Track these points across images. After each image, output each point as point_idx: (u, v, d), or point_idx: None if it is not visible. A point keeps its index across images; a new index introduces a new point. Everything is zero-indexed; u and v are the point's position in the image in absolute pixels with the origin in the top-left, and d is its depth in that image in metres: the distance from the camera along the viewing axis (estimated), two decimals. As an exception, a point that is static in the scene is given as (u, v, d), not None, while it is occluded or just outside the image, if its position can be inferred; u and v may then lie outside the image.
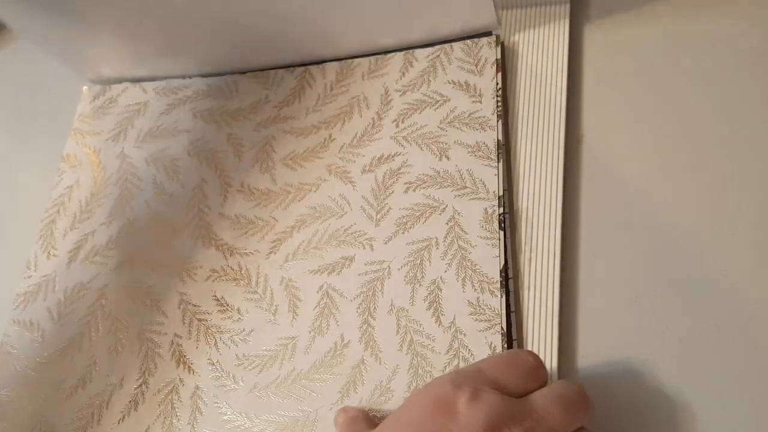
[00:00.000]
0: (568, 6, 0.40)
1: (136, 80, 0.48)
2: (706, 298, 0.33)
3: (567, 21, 0.40)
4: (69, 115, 0.49)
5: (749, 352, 0.31)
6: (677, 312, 0.33)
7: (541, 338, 0.33)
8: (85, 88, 0.49)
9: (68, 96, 0.50)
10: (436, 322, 0.34)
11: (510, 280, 0.34)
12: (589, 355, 0.33)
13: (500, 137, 0.37)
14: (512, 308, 0.33)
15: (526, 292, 0.34)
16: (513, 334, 0.33)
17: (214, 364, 0.36)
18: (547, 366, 0.32)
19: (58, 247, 0.43)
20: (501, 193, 0.36)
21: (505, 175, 0.36)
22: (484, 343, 0.32)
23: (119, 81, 0.49)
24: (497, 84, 0.38)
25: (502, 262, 0.34)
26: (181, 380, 0.37)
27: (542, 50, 0.40)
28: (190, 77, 0.47)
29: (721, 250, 0.33)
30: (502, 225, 0.35)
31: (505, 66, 0.40)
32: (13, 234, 0.47)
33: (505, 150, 0.37)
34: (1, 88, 0.55)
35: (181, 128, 0.45)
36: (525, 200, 0.36)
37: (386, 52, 0.42)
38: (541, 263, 0.34)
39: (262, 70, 0.45)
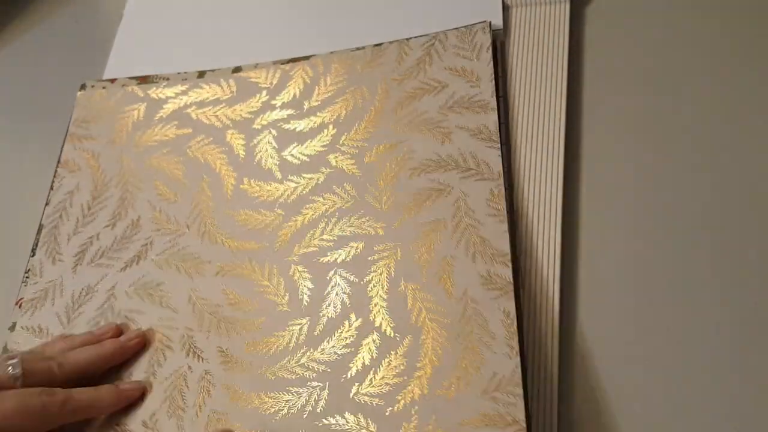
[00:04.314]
0: (568, 6, 0.40)
1: (131, 82, 0.48)
2: (708, 298, 0.33)
3: (567, 21, 0.40)
4: (68, 116, 0.48)
5: (749, 353, 0.31)
6: (678, 312, 0.33)
7: (542, 338, 0.33)
8: (79, 93, 0.49)
9: (68, 96, 0.50)
10: (446, 295, 0.34)
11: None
12: (590, 355, 0.33)
13: (501, 117, 0.37)
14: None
15: (526, 291, 0.34)
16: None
17: (223, 351, 0.37)
18: (547, 366, 0.32)
19: (63, 252, 0.43)
20: (504, 172, 0.36)
21: (507, 163, 0.37)
22: (497, 309, 0.33)
23: (115, 83, 0.48)
24: (494, 67, 0.38)
25: (511, 237, 0.34)
26: (189, 367, 0.37)
27: (542, 50, 0.40)
28: (185, 75, 0.47)
29: (723, 249, 0.33)
30: (509, 202, 0.35)
31: (504, 56, 0.40)
32: (13, 233, 0.47)
33: (507, 149, 0.37)
34: (1, 88, 0.55)
35: (179, 128, 0.45)
36: (525, 200, 0.36)
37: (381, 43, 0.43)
38: (541, 263, 0.34)
39: (258, 66, 0.45)
